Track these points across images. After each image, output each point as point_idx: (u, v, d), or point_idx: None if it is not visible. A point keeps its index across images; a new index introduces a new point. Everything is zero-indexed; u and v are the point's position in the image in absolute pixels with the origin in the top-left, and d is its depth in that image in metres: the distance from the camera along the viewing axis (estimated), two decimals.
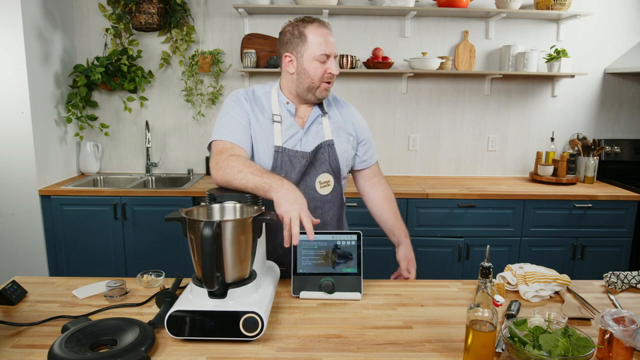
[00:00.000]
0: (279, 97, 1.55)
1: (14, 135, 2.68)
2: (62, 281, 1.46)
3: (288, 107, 1.54)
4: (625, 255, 2.88)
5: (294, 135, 1.52)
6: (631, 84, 3.34)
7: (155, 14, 2.96)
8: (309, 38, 1.45)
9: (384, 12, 3.09)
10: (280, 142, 1.49)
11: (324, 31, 1.46)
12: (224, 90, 3.27)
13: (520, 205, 2.82)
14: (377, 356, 1.05)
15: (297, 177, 1.50)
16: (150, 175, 3.28)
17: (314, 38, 1.45)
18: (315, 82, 1.48)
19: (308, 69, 1.47)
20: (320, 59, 1.45)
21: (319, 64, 1.46)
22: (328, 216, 1.57)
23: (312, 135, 1.53)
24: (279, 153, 1.48)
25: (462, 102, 3.33)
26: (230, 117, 1.48)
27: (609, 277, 1.46)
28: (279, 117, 1.51)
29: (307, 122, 1.54)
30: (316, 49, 1.45)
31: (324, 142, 1.53)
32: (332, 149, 1.54)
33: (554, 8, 3.01)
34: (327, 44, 1.45)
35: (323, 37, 1.45)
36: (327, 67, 1.47)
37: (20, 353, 1.04)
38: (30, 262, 2.81)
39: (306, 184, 1.52)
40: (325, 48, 1.45)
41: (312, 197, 1.52)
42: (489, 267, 0.98)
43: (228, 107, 1.51)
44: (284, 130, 1.51)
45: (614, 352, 0.99)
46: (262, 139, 1.49)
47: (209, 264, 1.05)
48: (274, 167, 1.49)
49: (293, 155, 1.49)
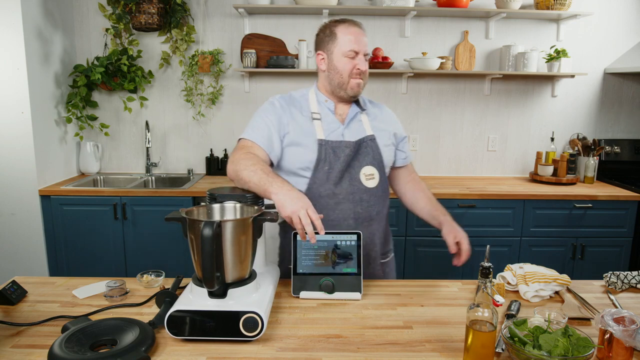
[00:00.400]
0: (317, 97, 1.61)
1: (14, 135, 2.68)
2: (62, 281, 1.46)
3: (327, 105, 1.59)
4: (625, 255, 2.88)
5: (335, 130, 1.56)
6: (631, 84, 3.34)
7: (155, 14, 2.96)
8: (338, 35, 1.52)
9: (384, 12, 3.09)
10: (322, 136, 1.54)
11: (354, 29, 1.53)
12: (224, 90, 3.27)
13: (520, 205, 2.82)
14: (377, 356, 1.05)
15: (341, 167, 1.52)
16: (150, 175, 3.28)
17: (343, 36, 1.52)
18: (344, 78, 1.53)
19: (337, 65, 1.53)
20: (348, 54, 1.51)
21: (347, 60, 1.51)
22: (374, 211, 1.56)
23: (353, 130, 1.58)
24: (322, 146, 1.52)
25: (462, 102, 3.33)
26: (259, 118, 1.56)
27: (609, 277, 1.46)
28: (318, 115, 1.57)
29: (347, 118, 1.59)
30: (345, 46, 1.51)
31: (366, 136, 1.57)
32: (375, 143, 1.58)
33: (554, 8, 3.01)
34: (356, 42, 1.51)
35: (353, 35, 1.51)
36: (356, 63, 1.51)
37: (20, 353, 1.04)
38: (30, 262, 2.81)
39: (351, 176, 1.53)
40: (353, 45, 1.50)
41: (358, 189, 1.53)
42: (489, 267, 0.99)
43: (260, 110, 1.59)
44: (324, 125, 1.56)
45: (614, 352, 0.99)
46: (302, 136, 1.54)
47: (209, 264, 1.05)
48: (318, 160, 1.51)
49: (336, 146, 1.53)
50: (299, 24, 3.21)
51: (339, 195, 1.52)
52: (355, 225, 1.53)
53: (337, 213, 1.52)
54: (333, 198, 1.52)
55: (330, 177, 1.52)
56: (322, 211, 1.52)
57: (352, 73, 1.52)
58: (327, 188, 1.52)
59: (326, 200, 1.52)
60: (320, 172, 1.52)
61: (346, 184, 1.52)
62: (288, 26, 3.20)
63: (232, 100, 3.30)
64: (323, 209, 1.52)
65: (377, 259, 1.60)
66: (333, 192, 1.52)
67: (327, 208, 1.52)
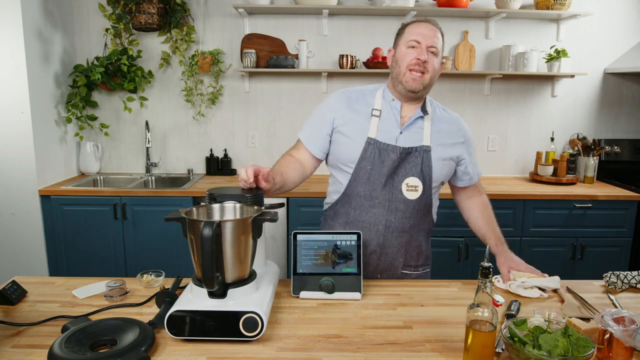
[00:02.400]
0: (384, 94, 1.57)
1: (14, 135, 2.68)
2: (62, 281, 1.46)
3: (393, 104, 1.55)
4: (625, 255, 2.88)
5: (390, 132, 1.51)
6: (631, 84, 3.34)
7: (155, 14, 2.96)
8: (406, 30, 1.50)
9: (384, 12, 3.09)
10: (374, 135, 1.50)
11: (423, 24, 1.48)
12: (224, 90, 3.27)
13: (520, 205, 2.82)
14: (377, 356, 1.05)
15: (384, 170, 1.48)
16: (150, 175, 3.28)
17: (410, 29, 1.49)
18: (402, 69, 1.48)
19: (398, 56, 1.50)
20: (410, 45, 1.46)
21: (409, 50, 1.47)
22: (408, 223, 1.52)
23: (410, 136, 1.51)
24: (370, 144, 1.50)
25: (462, 102, 3.33)
26: (314, 116, 1.61)
27: (609, 277, 1.46)
28: (378, 112, 1.53)
29: (408, 121, 1.53)
30: (408, 36, 1.47)
31: (420, 146, 1.50)
32: (428, 156, 1.50)
33: (554, 8, 3.01)
34: (419, 34, 1.46)
35: (418, 28, 1.47)
36: (416, 54, 1.45)
37: (20, 353, 1.04)
38: (30, 262, 2.81)
39: (393, 183, 1.50)
40: (416, 36, 1.46)
41: (396, 198, 1.50)
42: (488, 267, 0.98)
43: (320, 106, 1.62)
44: (381, 125, 1.52)
45: (614, 352, 0.99)
46: (355, 131, 1.52)
47: (209, 264, 1.04)
48: (362, 158, 1.50)
49: (383, 148, 1.49)
50: (299, 24, 3.21)
51: (375, 199, 1.50)
52: (385, 232, 1.51)
53: (369, 216, 1.51)
54: (369, 200, 1.51)
55: (371, 179, 1.49)
56: (356, 210, 1.53)
57: (410, 63, 1.45)
58: (366, 188, 1.50)
59: (362, 200, 1.52)
60: (362, 171, 1.50)
61: (385, 190, 1.49)
62: (288, 26, 3.20)
63: (232, 100, 3.30)
64: (357, 209, 1.53)
65: (398, 268, 1.57)
66: (370, 194, 1.50)
67: (361, 208, 1.52)
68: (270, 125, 3.34)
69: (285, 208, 2.81)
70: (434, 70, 1.48)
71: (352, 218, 1.54)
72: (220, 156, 3.33)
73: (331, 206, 1.63)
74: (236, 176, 3.28)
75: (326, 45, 3.23)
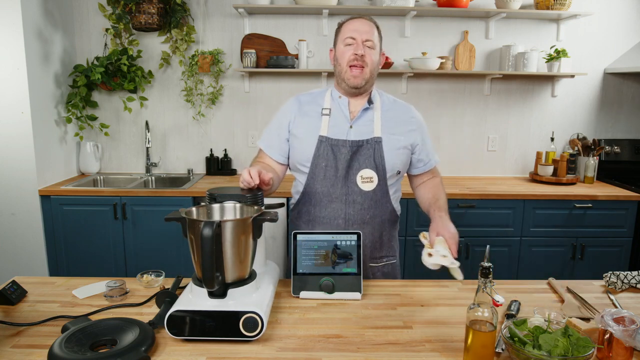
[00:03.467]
0: (332, 93, 1.62)
1: (14, 135, 2.68)
2: (62, 281, 1.46)
3: (340, 101, 1.59)
4: (625, 255, 2.88)
5: (341, 127, 1.55)
6: (631, 84, 3.34)
7: (155, 14, 2.96)
8: (342, 28, 1.54)
9: (384, 12, 3.09)
10: (325, 133, 1.54)
11: (356, 20, 1.52)
12: (223, 90, 3.27)
13: (520, 205, 2.82)
14: (377, 356, 1.05)
15: (340, 167, 1.52)
16: (150, 175, 3.28)
17: (345, 27, 1.53)
18: (342, 66, 1.52)
19: (338, 55, 1.55)
20: (346, 42, 1.50)
21: (346, 47, 1.51)
22: (367, 214, 1.55)
23: (360, 130, 1.55)
24: (322, 142, 1.54)
25: (462, 102, 3.33)
26: (272, 124, 1.65)
27: (609, 277, 1.46)
28: (327, 111, 1.58)
29: (357, 115, 1.57)
30: (344, 34, 1.52)
31: (372, 138, 1.54)
32: (379, 146, 1.53)
33: (554, 8, 3.01)
34: (354, 30, 1.50)
35: (352, 25, 1.51)
36: (352, 50, 1.49)
37: (20, 353, 1.04)
38: (30, 262, 2.81)
39: (348, 177, 1.53)
40: (351, 32, 1.50)
41: (352, 191, 1.53)
42: (489, 267, 0.99)
43: (278, 113, 1.66)
44: (331, 122, 1.56)
45: (614, 352, 0.99)
46: (307, 132, 1.57)
47: (209, 264, 1.05)
48: (315, 156, 1.53)
49: (334, 143, 1.53)
50: (299, 24, 3.21)
51: (332, 194, 1.54)
52: (345, 226, 1.54)
53: (328, 211, 1.55)
54: (327, 196, 1.54)
55: (327, 175, 1.53)
56: (316, 207, 1.57)
57: (349, 59, 1.50)
58: (323, 185, 1.54)
59: (320, 197, 1.55)
60: (317, 168, 1.54)
61: (341, 184, 1.53)
62: (288, 26, 3.20)
63: (232, 100, 3.30)
64: (316, 205, 1.57)
65: (366, 262, 1.60)
66: (328, 190, 1.54)
67: (320, 205, 1.56)
68: None
69: (285, 208, 2.81)
70: (373, 63, 1.52)
71: (312, 215, 1.58)
72: (220, 156, 3.33)
73: (294, 206, 1.67)
74: (236, 176, 3.29)
75: (326, 45, 3.23)
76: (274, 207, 1.37)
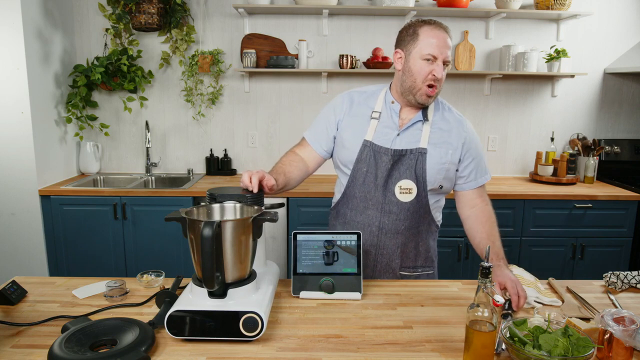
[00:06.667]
0: (386, 96, 1.57)
1: (14, 135, 2.68)
2: (62, 281, 1.46)
3: (392, 107, 1.54)
4: (625, 255, 2.88)
5: (388, 134, 1.51)
6: (631, 84, 3.34)
7: (155, 14, 2.96)
8: (420, 37, 1.43)
9: (384, 12, 3.09)
10: (370, 137, 1.51)
11: (438, 33, 1.42)
12: (223, 90, 3.27)
13: (520, 205, 2.82)
14: (377, 356, 1.05)
15: (380, 174, 1.50)
16: (150, 175, 3.28)
17: (425, 38, 1.42)
18: (417, 83, 1.44)
19: (413, 68, 1.45)
20: (426, 57, 1.42)
21: (424, 63, 1.42)
22: (402, 225, 1.52)
23: (406, 139, 1.50)
24: (366, 147, 1.51)
25: (462, 102, 3.33)
26: (320, 117, 1.64)
27: (609, 277, 1.46)
28: (377, 114, 1.54)
29: (407, 124, 1.51)
30: (425, 48, 1.42)
31: (416, 148, 1.48)
32: (423, 158, 1.48)
33: (554, 8, 3.01)
34: (437, 46, 1.41)
35: (435, 39, 1.41)
36: (433, 69, 1.42)
37: (20, 353, 1.04)
38: (30, 262, 2.81)
39: (387, 186, 1.50)
40: (434, 49, 1.41)
41: (390, 200, 1.50)
42: (488, 267, 0.98)
43: (325, 107, 1.65)
44: (379, 127, 1.52)
45: (614, 352, 0.99)
46: (354, 135, 1.54)
47: (209, 264, 1.04)
48: (357, 160, 1.52)
49: (377, 150, 1.50)
50: (298, 24, 3.21)
51: (369, 201, 1.52)
52: (378, 234, 1.53)
53: (363, 217, 1.54)
54: (364, 201, 1.53)
55: (367, 181, 1.51)
56: (352, 211, 1.56)
57: (426, 79, 1.42)
58: (361, 190, 1.53)
59: (357, 202, 1.54)
60: (359, 172, 1.52)
61: (379, 192, 1.50)
62: (288, 26, 3.20)
63: (232, 100, 3.30)
64: (353, 209, 1.55)
65: (396, 270, 1.57)
66: (365, 195, 1.52)
67: (356, 209, 1.54)
68: (270, 125, 3.34)
69: (285, 208, 2.81)
70: (443, 79, 1.46)
71: (349, 219, 1.57)
72: (220, 156, 3.33)
73: (334, 206, 1.66)
74: (236, 176, 3.29)
75: (326, 45, 3.23)
76: (274, 207, 1.37)
